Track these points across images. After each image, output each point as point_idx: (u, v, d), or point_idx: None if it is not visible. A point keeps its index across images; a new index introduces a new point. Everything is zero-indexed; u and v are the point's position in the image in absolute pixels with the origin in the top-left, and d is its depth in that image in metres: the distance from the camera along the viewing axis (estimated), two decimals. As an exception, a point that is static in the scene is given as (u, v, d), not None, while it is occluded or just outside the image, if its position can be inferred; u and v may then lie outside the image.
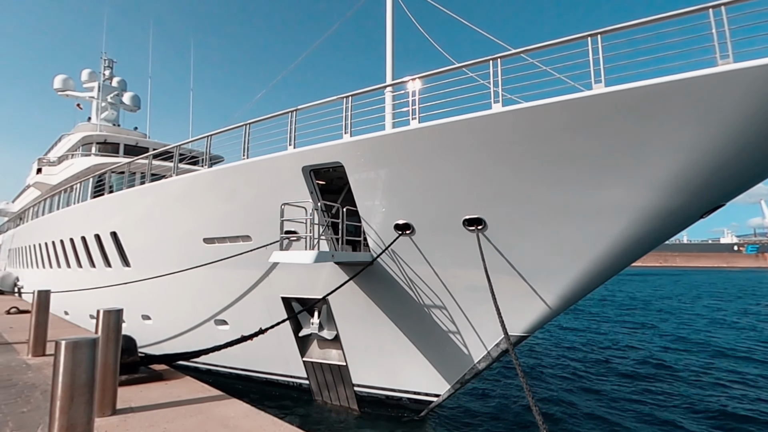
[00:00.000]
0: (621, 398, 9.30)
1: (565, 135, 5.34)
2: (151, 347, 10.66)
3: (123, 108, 24.54)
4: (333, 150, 7.01)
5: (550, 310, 6.41)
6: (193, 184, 9.18)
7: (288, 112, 7.65)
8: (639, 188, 5.32)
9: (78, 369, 3.57)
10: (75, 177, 16.66)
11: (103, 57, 24.73)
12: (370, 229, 7.19)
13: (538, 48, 5.55)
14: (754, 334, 17.89)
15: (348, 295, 7.36)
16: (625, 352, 14.22)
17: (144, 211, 10.56)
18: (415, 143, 6.28)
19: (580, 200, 5.65)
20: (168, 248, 9.94)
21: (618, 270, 6.27)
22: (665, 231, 5.82)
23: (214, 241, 8.91)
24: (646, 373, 11.44)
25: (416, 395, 7.66)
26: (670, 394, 9.71)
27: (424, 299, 7.14)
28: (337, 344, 8.16)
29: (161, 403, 5.49)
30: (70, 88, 23.94)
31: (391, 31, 9.78)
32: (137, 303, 10.69)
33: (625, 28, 5.01)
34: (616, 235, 5.69)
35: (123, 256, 11.21)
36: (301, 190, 7.40)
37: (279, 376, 9.09)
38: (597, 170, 5.41)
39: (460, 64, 6.16)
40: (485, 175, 5.98)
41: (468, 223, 6.31)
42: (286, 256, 6.24)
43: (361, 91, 6.94)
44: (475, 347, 7.01)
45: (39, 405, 5.18)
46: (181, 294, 9.87)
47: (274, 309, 8.54)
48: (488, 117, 5.63)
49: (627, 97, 4.89)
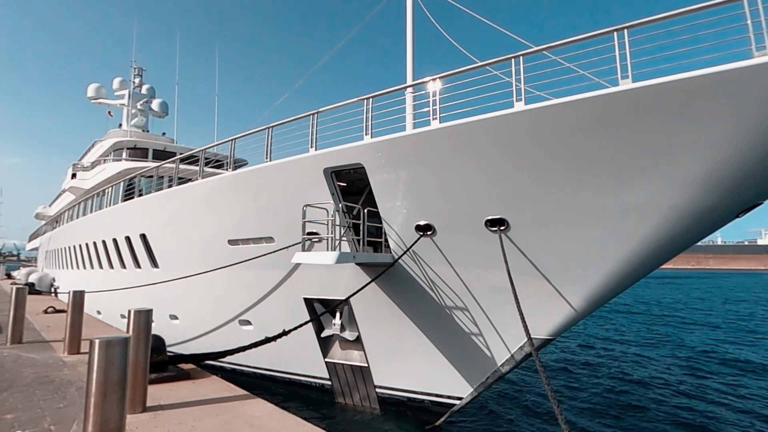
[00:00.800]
0: (651, 407, 8.98)
1: (590, 133, 5.20)
2: (178, 346, 10.94)
3: (152, 114, 25.35)
4: (354, 152, 7.04)
5: (576, 313, 6.25)
6: (218, 187, 9.37)
7: (309, 115, 7.73)
8: (669, 187, 5.13)
9: (111, 367, 3.67)
10: (107, 181, 17.28)
11: (133, 65, 25.63)
12: (391, 231, 7.18)
13: (562, 44, 5.43)
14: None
15: (369, 296, 7.37)
16: (654, 359, 13.74)
17: (171, 213, 10.86)
18: (435, 144, 6.23)
19: (607, 199, 5.49)
20: (194, 250, 10.18)
21: (647, 272, 6.06)
22: (697, 231, 5.59)
23: (239, 242, 9.07)
24: (673, 381, 11.02)
25: (438, 398, 7.59)
26: (697, 405, 9.32)
27: (446, 300, 7.07)
28: (359, 345, 8.17)
29: (189, 401, 5.60)
30: (103, 96, 24.90)
31: (412, 32, 9.76)
32: (165, 303, 10.99)
33: (652, 21, 4.84)
34: (644, 236, 5.51)
35: (152, 258, 11.55)
36: (323, 192, 7.46)
37: (301, 377, 9.17)
38: (624, 168, 5.24)
39: (481, 63, 6.09)
40: (507, 174, 5.88)
41: (490, 224, 6.23)
42: (308, 257, 6.29)
43: (381, 92, 6.95)
44: (498, 350, 6.89)
45: (74, 401, 5.36)
46: (207, 294, 10.09)
47: (296, 310, 8.62)
48: (510, 116, 5.54)
49: (655, 93, 4.73)
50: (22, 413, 4.90)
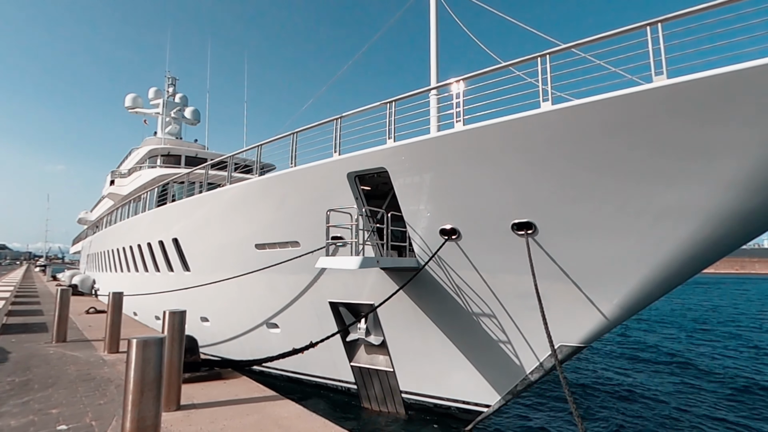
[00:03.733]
0: (678, 418, 8.51)
1: (622, 133, 4.98)
2: (208, 347, 11.21)
3: (185, 122, 26.26)
4: (377, 155, 7.02)
5: (608, 320, 5.99)
6: (246, 192, 9.57)
7: (333, 120, 7.78)
8: (709, 188, 4.85)
9: (147, 366, 3.79)
10: (142, 187, 17.99)
11: (167, 75, 26.61)
12: (415, 235, 7.12)
13: (591, 41, 5.23)
14: None
15: (394, 300, 7.32)
16: (686, 370, 13.06)
17: (201, 218, 11.16)
18: (459, 146, 6.14)
19: (641, 202, 5.24)
20: (223, 253, 10.42)
21: (686, 277, 5.73)
22: (741, 235, 5.25)
23: (265, 246, 9.22)
24: (705, 397, 10.42)
25: (466, 404, 7.45)
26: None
27: (472, 306, 6.94)
28: (384, 350, 8.13)
29: (221, 401, 5.77)
30: (139, 105, 25.99)
31: (435, 33, 9.69)
32: (196, 305, 11.28)
33: (687, 14, 4.60)
34: (683, 240, 5.22)
35: (183, 261, 11.90)
36: (347, 196, 7.48)
37: (328, 380, 9.21)
38: (661, 167, 4.99)
39: (506, 63, 5.96)
40: (534, 176, 5.71)
41: (517, 228, 6.07)
42: (332, 261, 6.31)
43: (403, 96, 6.91)
44: (527, 357, 6.70)
45: (114, 398, 5.59)
46: (236, 297, 10.29)
47: (322, 313, 8.68)
48: (536, 116, 5.38)
49: (692, 90, 4.49)
50: (66, 408, 5.15)
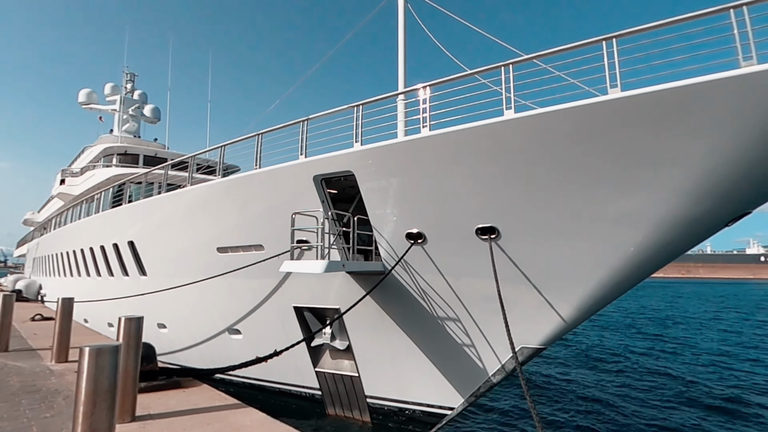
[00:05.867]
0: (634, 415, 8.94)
1: (580, 141, 5.19)
2: (166, 355, 10.75)
3: (144, 120, 25.18)
4: (344, 159, 6.99)
5: (566, 323, 6.21)
6: (208, 194, 9.28)
7: (299, 122, 7.68)
8: (659, 196, 5.13)
9: (101, 375, 3.62)
10: (96, 187, 17.09)
11: (124, 71, 25.48)
12: (381, 238, 7.13)
13: (552, 53, 5.44)
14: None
15: (359, 304, 7.29)
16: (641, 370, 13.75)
17: (160, 220, 10.72)
18: (426, 151, 6.20)
19: (597, 208, 5.47)
20: (183, 257, 10.05)
21: (638, 280, 6.03)
22: (687, 240, 5.58)
23: (228, 250, 8.96)
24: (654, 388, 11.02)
25: (430, 408, 7.49)
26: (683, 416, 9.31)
27: (437, 310, 7.00)
28: (350, 355, 8.07)
29: (179, 410, 5.54)
30: (94, 101, 24.72)
31: (403, 40, 9.78)
32: (153, 311, 10.81)
33: (641, 31, 4.87)
34: (635, 244, 5.49)
35: (140, 265, 11.38)
36: (313, 200, 7.39)
37: (291, 386, 9.03)
38: (616, 177, 5.23)
39: (471, 71, 6.09)
40: (498, 183, 5.85)
41: (481, 232, 6.19)
42: (297, 265, 6.21)
43: (371, 99, 6.93)
44: (489, 360, 6.82)
45: (62, 410, 5.25)
46: (196, 303, 9.94)
47: (286, 318, 8.51)
48: (501, 124, 5.52)
49: (645, 102, 4.74)
50: (7, 423, 4.79)
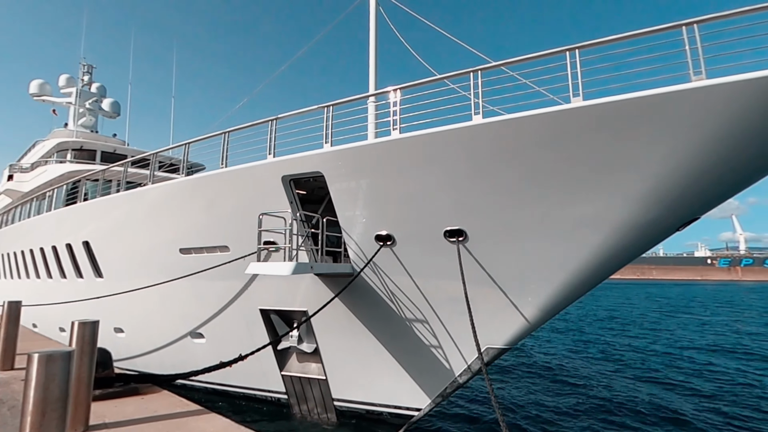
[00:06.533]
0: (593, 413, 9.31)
1: (545, 147, 5.37)
2: (124, 361, 10.29)
3: (102, 114, 24.00)
4: (313, 159, 6.93)
5: (530, 323, 6.39)
6: (171, 193, 8.96)
7: (268, 121, 7.56)
8: (617, 201, 5.37)
9: (51, 383, 3.47)
10: (48, 184, 16.15)
11: (81, 62, 24.23)
12: (350, 240, 7.10)
13: (518, 61, 5.61)
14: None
15: (328, 307, 7.24)
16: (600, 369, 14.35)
17: (118, 220, 10.26)
18: (396, 154, 6.24)
19: (560, 212, 5.67)
20: (143, 258, 9.66)
21: (597, 282, 6.29)
22: (643, 243, 5.88)
23: (191, 251, 8.68)
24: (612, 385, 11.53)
25: (397, 409, 7.52)
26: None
27: (405, 311, 7.04)
28: (317, 358, 7.98)
29: (137, 418, 5.34)
30: (47, 93, 23.36)
31: (375, 42, 9.81)
32: (109, 315, 10.31)
33: (602, 43, 5.09)
34: (595, 248, 5.72)
35: (95, 267, 10.85)
36: (281, 200, 7.28)
37: (257, 391, 8.84)
38: (576, 182, 5.45)
39: (441, 76, 6.18)
40: (467, 186, 5.96)
41: (449, 235, 6.28)
42: (263, 267, 6.09)
43: (342, 101, 6.91)
44: (456, 360, 6.92)
45: (6, 421, 4.95)
46: (156, 306, 9.57)
47: (252, 321, 8.33)
48: (470, 128, 5.64)
49: (604, 111, 4.96)
50: (-58, 438, 4.45)
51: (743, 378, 12.56)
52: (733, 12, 4.53)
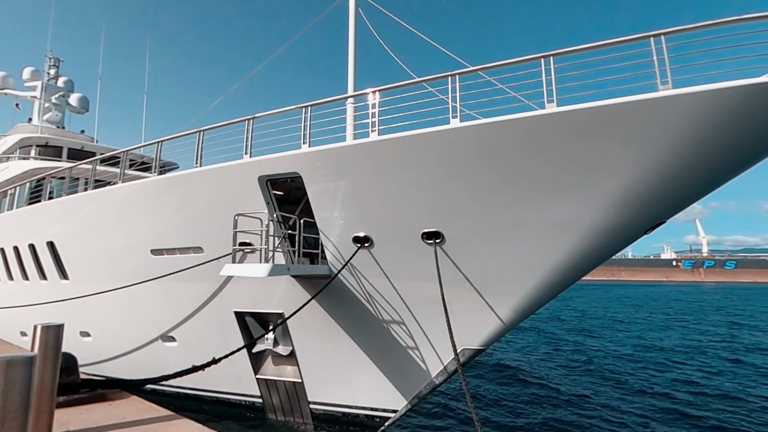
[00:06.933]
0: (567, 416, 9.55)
1: (521, 152, 5.49)
2: (90, 366, 9.92)
3: (69, 110, 23.07)
4: (291, 160, 6.86)
5: (505, 324, 6.49)
6: (142, 192, 8.70)
7: (245, 120, 7.44)
8: (589, 205, 5.53)
9: (11, 390, 3.29)
10: (10, 181, 15.40)
11: (48, 55, 23.27)
12: (328, 242, 7.06)
13: (495, 66, 5.71)
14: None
15: (304, 309, 7.17)
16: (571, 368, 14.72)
17: (86, 219, 9.89)
18: (375, 155, 6.25)
19: (535, 215, 5.79)
20: (112, 259, 9.34)
21: (570, 283, 6.46)
22: (613, 245, 6.06)
23: (163, 252, 8.45)
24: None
25: (373, 411, 7.51)
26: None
27: (382, 313, 7.05)
28: (293, 360, 7.89)
29: (103, 425, 5.20)
30: (9, 86, 22.29)
31: (354, 43, 9.80)
32: (75, 318, 9.92)
33: (575, 51, 5.24)
34: (568, 250, 5.87)
35: (60, 268, 10.42)
36: (258, 201, 7.17)
37: (230, 395, 8.66)
38: (551, 186, 5.59)
39: (419, 79, 6.23)
40: (444, 188, 6.02)
41: (426, 237, 6.32)
42: (238, 269, 5.99)
43: (320, 101, 6.88)
44: (432, 361, 6.97)
45: (-41, 433, 4.66)
46: (126, 308, 9.26)
47: (226, 324, 8.16)
48: (448, 131, 5.70)
49: (577, 117, 5.10)
50: None
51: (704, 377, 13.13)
52: (699, 25, 4.75)
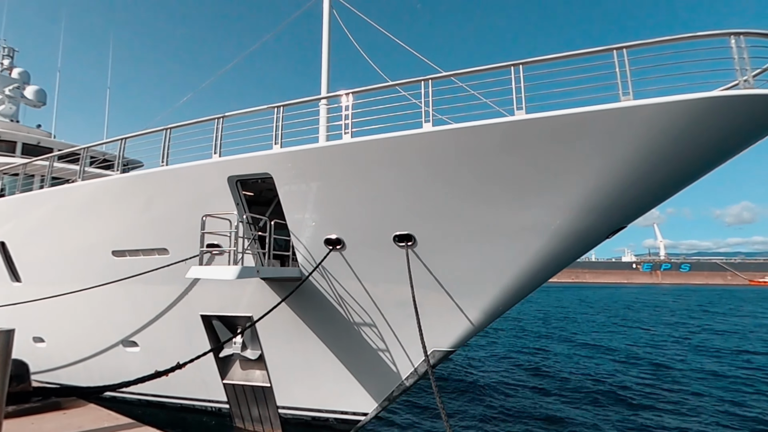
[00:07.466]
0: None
1: (491, 156, 5.61)
2: (44, 374, 9.40)
3: (24, 103, 21.83)
4: (262, 160, 6.74)
5: (474, 326, 6.60)
6: (103, 190, 8.33)
7: (214, 119, 7.27)
8: (556, 209, 5.71)
9: None
10: (-44, 177, 14.45)
11: (1, 44, 21.99)
12: (299, 244, 6.98)
13: (467, 72, 5.82)
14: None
15: (274, 312, 7.05)
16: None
17: (41, 218, 9.39)
18: (347, 157, 6.24)
19: (504, 219, 5.93)
20: (69, 261, 8.90)
21: (537, 285, 6.63)
22: (578, 249, 6.28)
23: (126, 254, 8.12)
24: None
25: (343, 414, 7.45)
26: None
27: (353, 316, 7.02)
28: (261, 365, 7.73)
29: (58, 435, 4.88)
30: (-43, 76, 20.94)
31: (327, 45, 9.74)
32: (27, 323, 9.39)
33: (544, 60, 5.41)
34: (535, 253, 6.03)
35: (12, 270, 9.84)
36: (227, 201, 7.01)
37: (196, 401, 8.40)
38: (520, 191, 5.73)
39: (393, 83, 6.27)
40: (415, 191, 6.07)
41: (398, 239, 6.35)
42: (206, 271, 5.83)
43: (293, 102, 6.81)
44: (403, 364, 6.99)
45: None
46: (84, 312, 8.83)
47: (192, 328, 7.92)
48: (421, 135, 5.75)
49: (545, 125, 5.26)
50: None
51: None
52: (659, 40, 5.01)
